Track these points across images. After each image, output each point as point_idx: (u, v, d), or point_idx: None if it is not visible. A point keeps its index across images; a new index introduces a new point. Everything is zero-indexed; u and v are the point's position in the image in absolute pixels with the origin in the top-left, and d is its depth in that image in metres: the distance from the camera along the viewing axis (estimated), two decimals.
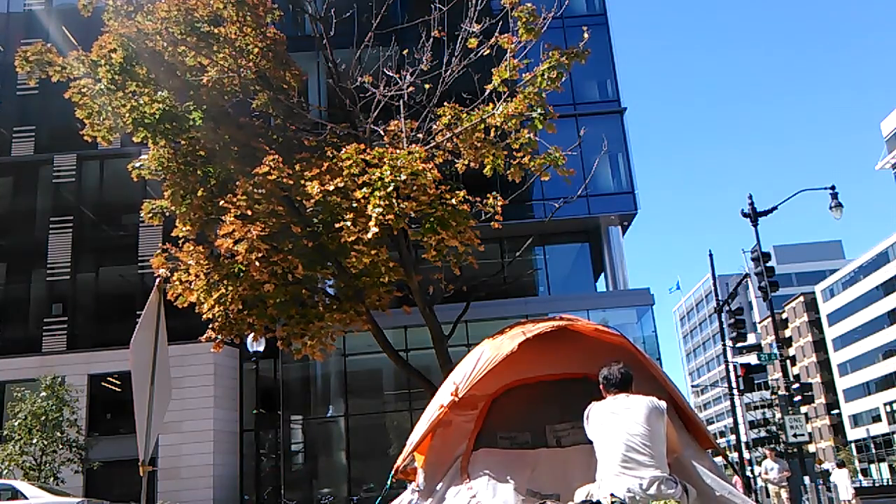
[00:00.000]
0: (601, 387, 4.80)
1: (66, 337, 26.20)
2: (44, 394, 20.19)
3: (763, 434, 54.18)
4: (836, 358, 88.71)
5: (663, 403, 4.60)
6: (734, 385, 26.48)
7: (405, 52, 12.70)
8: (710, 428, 19.89)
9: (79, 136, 13.01)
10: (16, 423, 19.76)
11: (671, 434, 4.50)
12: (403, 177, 9.57)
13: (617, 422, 4.42)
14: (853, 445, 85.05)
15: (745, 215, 20.89)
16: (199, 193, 12.22)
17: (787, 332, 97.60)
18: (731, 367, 26.99)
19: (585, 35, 10.38)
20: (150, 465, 6.61)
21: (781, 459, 19.96)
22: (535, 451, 5.89)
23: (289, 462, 26.62)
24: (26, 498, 14.78)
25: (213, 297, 11.31)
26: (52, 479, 19.78)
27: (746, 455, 37.51)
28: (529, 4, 10.59)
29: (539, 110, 10.54)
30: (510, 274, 20.77)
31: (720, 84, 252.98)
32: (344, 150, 10.41)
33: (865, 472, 79.20)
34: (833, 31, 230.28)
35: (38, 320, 26.68)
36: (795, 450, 20.68)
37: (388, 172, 9.59)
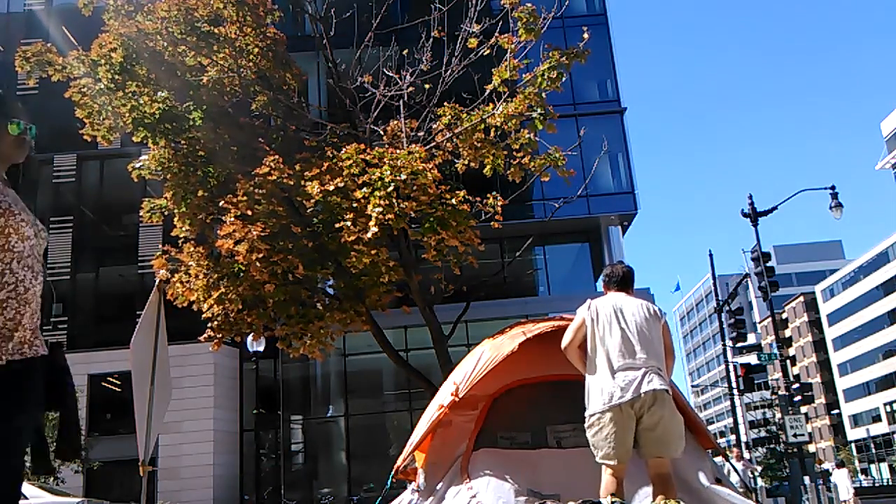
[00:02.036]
0: (602, 284, 4.92)
1: (66, 337, 26.17)
2: None
3: (763, 434, 54.13)
4: (836, 358, 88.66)
5: (662, 311, 4.68)
6: (734, 385, 26.47)
7: (405, 52, 12.70)
8: (710, 428, 19.85)
9: (79, 136, 13.01)
10: None
11: (666, 337, 4.56)
12: (403, 177, 9.58)
13: (615, 322, 4.48)
14: (853, 445, 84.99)
15: (745, 215, 20.86)
16: (199, 194, 12.22)
17: (787, 332, 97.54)
18: (731, 367, 26.99)
19: (585, 35, 10.39)
20: (150, 465, 6.61)
21: (744, 459, 19.93)
22: (535, 452, 5.89)
23: (289, 462, 26.61)
24: (26, 498, 14.75)
25: (213, 296, 11.31)
26: (52, 479, 19.75)
27: (747, 455, 37.48)
28: (529, 5, 10.60)
29: (539, 110, 10.55)
30: (510, 274, 20.77)
31: (720, 84, 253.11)
32: (344, 150, 10.41)
33: (865, 472, 79.15)
34: (833, 31, 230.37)
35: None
36: (795, 450, 20.66)
37: (388, 172, 9.60)
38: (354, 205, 9.83)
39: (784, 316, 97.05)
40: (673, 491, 4.29)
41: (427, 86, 12.07)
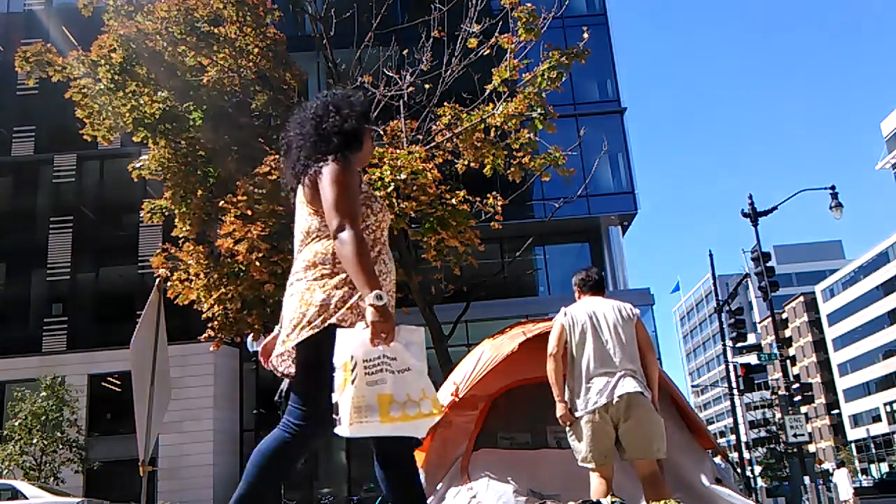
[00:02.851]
0: (576, 289, 4.92)
1: (66, 337, 26.17)
2: (44, 394, 20.17)
3: (763, 434, 54.22)
4: (836, 358, 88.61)
5: (635, 309, 4.69)
6: (734, 385, 26.46)
7: (405, 52, 12.70)
8: (710, 428, 19.83)
9: (79, 136, 13.02)
10: (16, 423, 19.74)
11: (642, 336, 4.58)
12: (403, 177, 9.58)
13: (590, 328, 4.51)
14: (853, 445, 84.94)
15: (745, 215, 20.85)
16: (199, 193, 12.23)
17: (787, 332, 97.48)
18: (731, 367, 26.97)
19: (585, 35, 10.39)
20: (150, 465, 6.61)
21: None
22: (535, 452, 5.89)
23: None
24: (26, 498, 14.77)
25: (214, 296, 11.32)
26: (52, 479, 19.76)
27: (746, 455, 37.52)
28: (529, 4, 10.59)
29: (539, 110, 10.55)
30: (510, 274, 20.76)
31: (720, 84, 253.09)
32: None
33: (865, 472, 79.13)
34: (833, 31, 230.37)
35: (38, 320, 26.65)
36: (795, 450, 20.67)
37: (388, 172, 9.60)
38: None
39: (784, 316, 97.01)
40: (664, 490, 4.31)
41: (427, 86, 12.07)
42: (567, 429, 4.48)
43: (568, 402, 4.47)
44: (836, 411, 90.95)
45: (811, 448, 77.57)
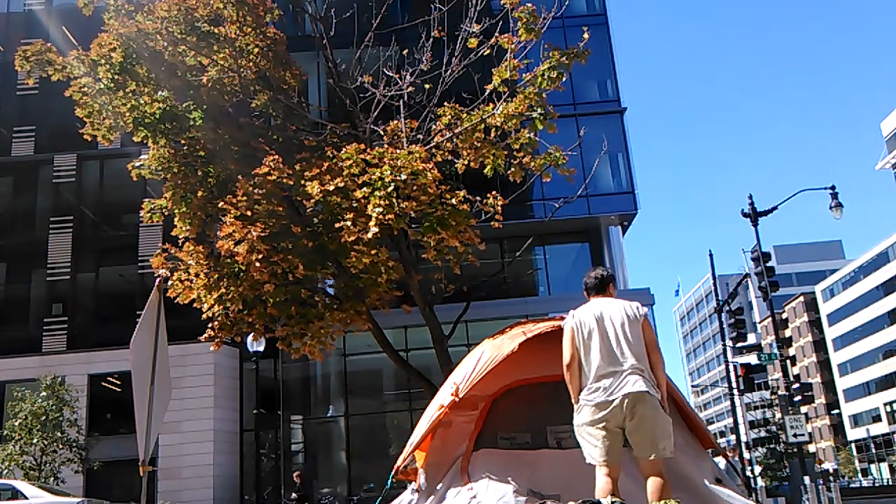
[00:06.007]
0: (584, 292, 4.95)
1: (66, 337, 26.16)
2: (44, 394, 20.17)
3: (763, 434, 54.18)
4: (836, 358, 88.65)
5: (642, 308, 4.71)
6: (734, 385, 26.47)
7: (405, 52, 12.70)
8: (710, 428, 19.82)
9: (79, 136, 13.02)
10: (16, 423, 19.73)
11: (648, 336, 4.60)
12: (403, 177, 9.58)
13: (597, 329, 4.54)
14: (853, 445, 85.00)
15: (745, 215, 20.87)
16: (199, 194, 12.23)
17: (787, 332, 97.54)
18: (731, 367, 26.99)
19: (585, 35, 10.37)
20: (150, 465, 6.60)
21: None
22: (535, 452, 5.89)
23: (289, 462, 26.60)
24: (26, 498, 14.77)
25: (214, 296, 11.32)
26: (52, 479, 19.76)
27: (746, 455, 37.53)
28: (529, 5, 10.59)
29: (539, 110, 10.54)
30: (510, 274, 20.76)
31: (720, 84, 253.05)
32: (344, 150, 10.41)
33: (865, 472, 79.15)
34: (833, 30, 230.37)
35: (38, 320, 26.65)
36: (795, 450, 20.67)
37: (388, 172, 9.60)
38: (354, 205, 9.82)
39: (784, 316, 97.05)
40: (668, 490, 4.32)
41: (427, 86, 12.07)
42: (576, 428, 4.48)
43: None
44: (836, 411, 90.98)
45: (811, 448, 77.57)
